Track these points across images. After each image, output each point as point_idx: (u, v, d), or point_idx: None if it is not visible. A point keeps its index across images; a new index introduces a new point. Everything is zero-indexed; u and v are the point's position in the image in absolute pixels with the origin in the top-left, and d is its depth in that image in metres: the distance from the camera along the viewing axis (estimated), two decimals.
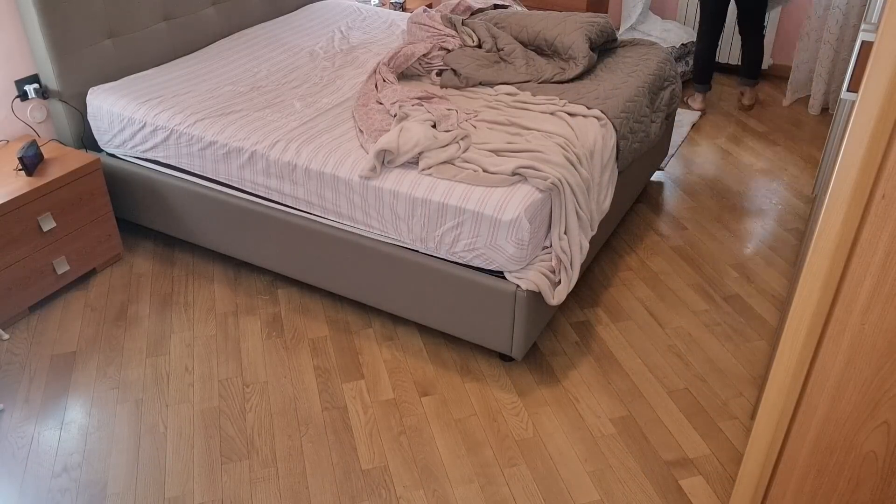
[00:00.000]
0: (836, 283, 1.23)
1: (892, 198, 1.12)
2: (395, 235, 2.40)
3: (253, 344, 2.59)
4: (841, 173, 1.15)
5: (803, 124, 4.25)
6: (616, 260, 3.04)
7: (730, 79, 4.91)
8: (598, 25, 3.10)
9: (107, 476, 2.10)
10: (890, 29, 1.04)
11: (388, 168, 2.37)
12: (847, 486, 1.40)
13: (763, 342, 2.59)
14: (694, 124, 4.20)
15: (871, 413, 1.30)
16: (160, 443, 2.21)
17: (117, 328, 2.66)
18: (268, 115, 2.72)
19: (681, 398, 2.36)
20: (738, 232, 3.23)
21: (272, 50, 3.36)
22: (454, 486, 2.07)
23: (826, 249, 1.21)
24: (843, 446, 1.36)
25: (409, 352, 2.55)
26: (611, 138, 2.62)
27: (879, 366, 1.25)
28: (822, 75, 4.27)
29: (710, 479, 2.08)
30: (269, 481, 2.08)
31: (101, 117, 2.88)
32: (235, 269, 2.97)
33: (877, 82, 1.07)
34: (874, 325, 1.22)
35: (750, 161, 3.83)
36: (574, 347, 2.57)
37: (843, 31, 4.14)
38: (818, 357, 1.30)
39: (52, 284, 2.75)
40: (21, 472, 2.12)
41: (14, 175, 2.66)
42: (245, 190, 2.66)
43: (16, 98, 2.89)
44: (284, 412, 2.31)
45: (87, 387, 2.41)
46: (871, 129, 1.10)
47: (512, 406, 2.33)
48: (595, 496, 2.04)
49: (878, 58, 1.06)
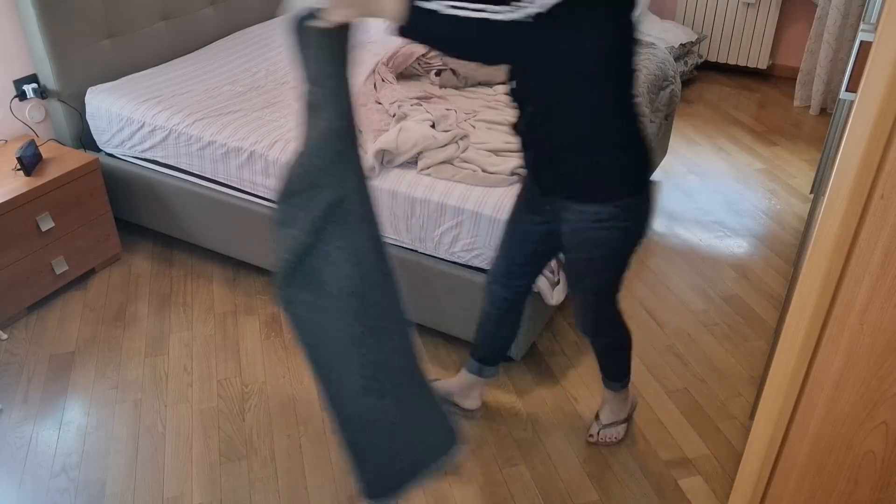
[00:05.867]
0: (835, 283, 1.23)
1: (891, 198, 1.12)
2: (393, 235, 2.40)
3: (252, 344, 2.59)
4: (839, 173, 1.15)
5: (802, 124, 4.26)
6: None
7: (729, 78, 4.91)
8: None
9: (105, 476, 2.10)
10: (889, 29, 1.04)
11: (387, 168, 2.37)
12: (846, 485, 1.40)
13: (762, 342, 2.59)
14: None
15: (870, 413, 1.30)
16: (159, 443, 2.20)
17: (116, 328, 2.66)
18: (266, 114, 2.72)
19: (680, 398, 2.36)
20: (736, 232, 3.23)
21: (271, 50, 3.36)
22: (453, 486, 2.06)
23: (825, 249, 1.21)
24: (841, 446, 1.36)
25: None
26: None
27: (878, 366, 1.25)
28: (822, 75, 4.27)
29: (708, 479, 2.08)
30: (268, 481, 2.08)
31: (99, 117, 2.88)
32: (234, 269, 2.97)
33: (876, 82, 1.07)
34: (873, 325, 1.22)
35: (749, 161, 3.83)
36: (573, 347, 2.57)
37: (842, 31, 4.15)
38: (817, 357, 1.30)
39: (50, 284, 2.75)
40: (20, 472, 2.11)
41: (13, 175, 2.66)
42: (244, 190, 2.66)
43: (14, 98, 2.89)
44: (283, 412, 2.31)
45: (85, 387, 2.41)
46: (870, 130, 1.10)
47: (511, 406, 2.33)
48: (594, 496, 2.03)
49: (876, 58, 1.06)
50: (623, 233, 1.72)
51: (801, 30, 4.66)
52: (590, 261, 1.78)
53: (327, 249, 1.52)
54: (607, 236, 1.71)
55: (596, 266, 1.78)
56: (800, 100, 4.49)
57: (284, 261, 1.53)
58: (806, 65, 4.39)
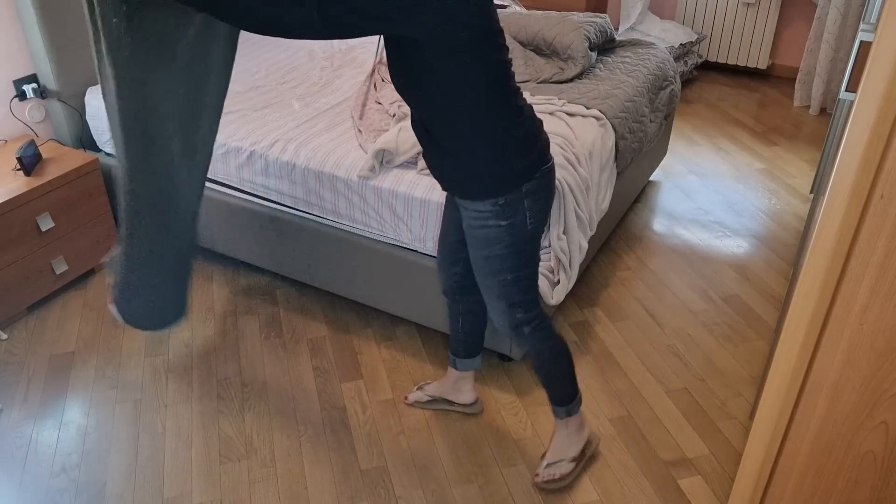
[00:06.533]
0: (835, 283, 1.23)
1: (891, 198, 1.12)
2: (393, 235, 2.40)
3: (252, 344, 2.59)
4: (839, 173, 1.15)
5: (802, 124, 4.26)
6: (615, 260, 3.04)
7: (729, 78, 4.91)
8: (596, 25, 3.10)
9: (105, 476, 2.10)
10: (888, 29, 1.04)
11: (386, 168, 2.37)
12: (845, 485, 1.40)
13: (762, 342, 2.59)
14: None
15: (870, 413, 1.30)
16: (159, 443, 2.20)
17: (116, 328, 2.66)
18: (266, 114, 2.72)
19: (679, 398, 2.36)
20: (736, 232, 3.23)
21: (270, 50, 3.36)
22: (453, 486, 2.06)
23: (825, 249, 1.21)
24: (841, 446, 1.36)
25: (408, 352, 2.55)
26: (610, 138, 2.61)
27: (878, 366, 1.25)
28: (821, 75, 4.27)
29: (708, 479, 2.08)
30: (267, 481, 2.08)
31: (99, 117, 2.88)
32: (234, 269, 2.97)
33: (875, 82, 1.07)
34: (873, 325, 1.22)
35: (749, 161, 3.83)
36: (573, 347, 2.57)
37: (842, 31, 4.15)
38: (817, 357, 1.30)
39: (50, 284, 2.75)
40: (19, 472, 2.11)
41: (12, 175, 2.66)
42: (244, 190, 2.66)
43: (14, 98, 2.89)
44: (283, 412, 2.31)
45: (85, 387, 2.41)
46: (870, 130, 1.10)
47: (511, 406, 2.33)
48: (594, 496, 2.03)
49: (876, 58, 1.06)
50: (507, 230, 1.67)
51: (800, 30, 4.66)
52: (487, 259, 1.73)
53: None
54: (492, 234, 1.68)
55: (493, 265, 1.74)
56: (800, 100, 4.49)
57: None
58: (806, 65, 4.39)
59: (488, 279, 1.78)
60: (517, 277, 1.76)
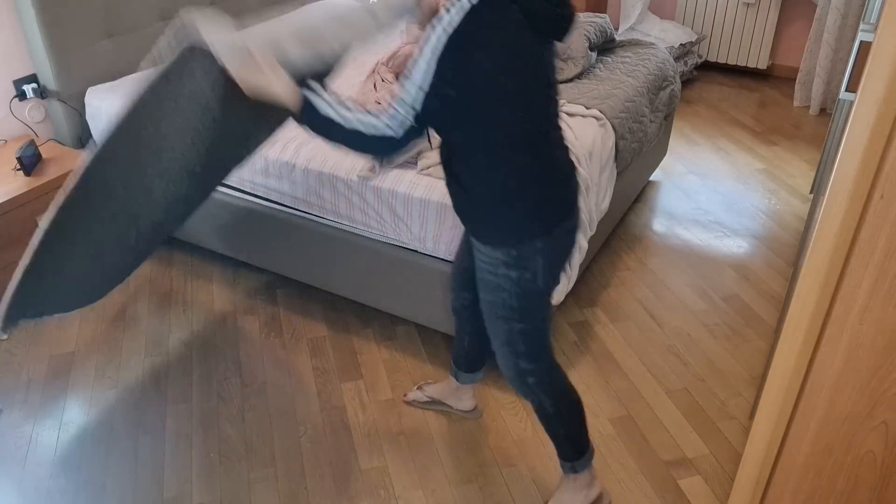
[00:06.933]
0: (835, 283, 1.23)
1: (891, 198, 1.12)
2: (393, 235, 2.40)
3: (252, 344, 2.59)
4: (839, 173, 1.15)
5: (802, 124, 4.26)
6: (615, 260, 3.04)
7: (729, 78, 4.91)
8: (596, 25, 3.11)
9: (105, 476, 2.10)
10: (888, 29, 1.04)
11: (386, 168, 2.37)
12: (846, 486, 1.40)
13: (762, 342, 2.59)
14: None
15: (870, 413, 1.30)
16: (158, 443, 2.20)
17: (116, 328, 2.66)
18: None
19: (679, 398, 2.36)
20: (736, 232, 3.23)
21: None
22: (453, 487, 2.06)
23: (824, 249, 1.21)
24: (841, 446, 1.36)
25: (408, 352, 2.55)
26: (609, 138, 2.61)
27: (878, 366, 1.25)
28: (821, 75, 4.27)
29: (708, 479, 2.08)
30: (267, 481, 2.08)
31: (99, 117, 2.88)
32: (234, 269, 2.97)
33: (875, 82, 1.07)
34: (873, 325, 1.22)
35: (748, 161, 3.83)
36: (573, 347, 2.57)
37: (842, 31, 4.15)
38: (817, 357, 1.30)
39: None
40: (19, 472, 2.11)
41: (12, 175, 2.66)
42: (244, 190, 2.66)
43: (14, 98, 2.89)
44: (283, 412, 2.31)
45: (85, 387, 2.41)
46: (870, 130, 1.10)
47: (511, 406, 2.33)
48: None
49: (876, 58, 1.06)
50: (515, 282, 1.59)
51: (800, 30, 4.66)
52: (492, 304, 1.66)
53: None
54: (501, 282, 1.60)
55: (498, 312, 1.65)
56: (799, 100, 4.49)
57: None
58: (805, 65, 4.39)
59: (494, 324, 1.70)
60: (523, 329, 1.67)
